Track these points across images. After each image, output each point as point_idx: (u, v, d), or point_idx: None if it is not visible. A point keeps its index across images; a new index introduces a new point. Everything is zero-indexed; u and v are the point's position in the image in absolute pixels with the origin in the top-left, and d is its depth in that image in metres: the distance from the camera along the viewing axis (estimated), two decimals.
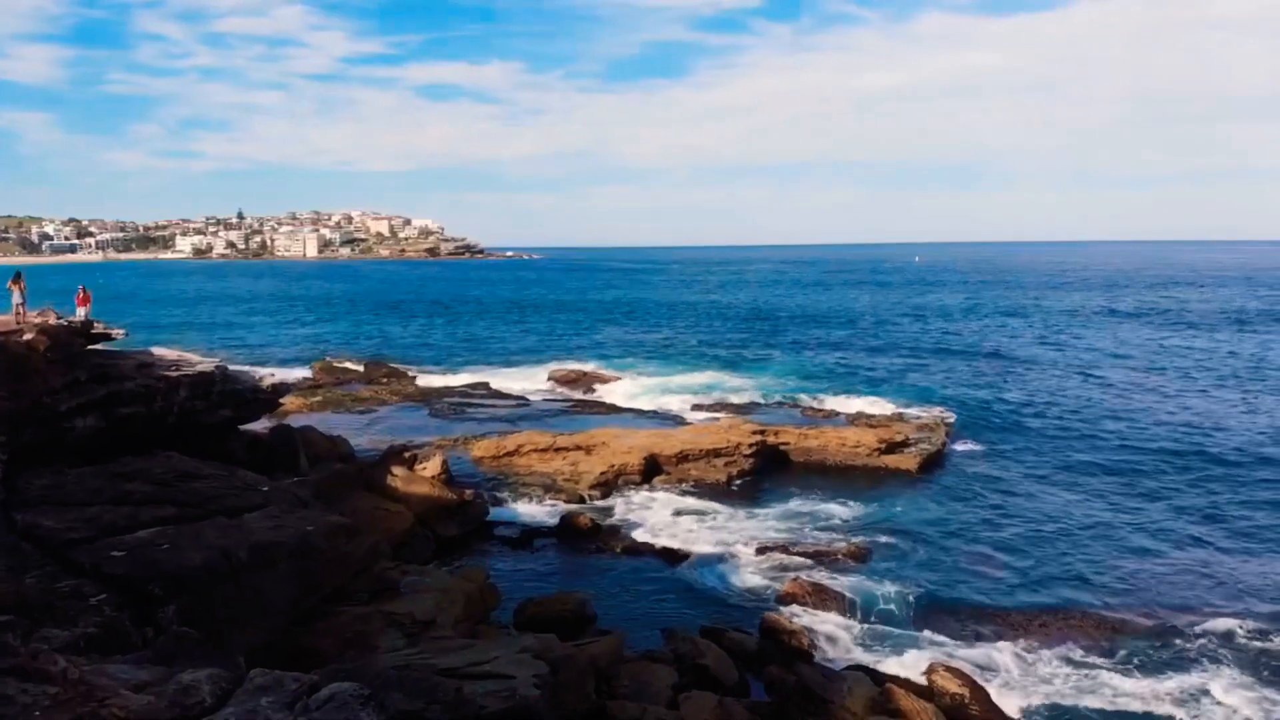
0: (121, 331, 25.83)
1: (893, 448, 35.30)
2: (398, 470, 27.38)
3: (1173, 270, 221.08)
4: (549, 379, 52.53)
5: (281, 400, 29.22)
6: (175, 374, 25.31)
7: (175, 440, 24.98)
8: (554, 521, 27.26)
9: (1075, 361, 60.79)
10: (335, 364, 59.92)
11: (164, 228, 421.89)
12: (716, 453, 33.64)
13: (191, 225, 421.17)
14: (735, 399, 47.70)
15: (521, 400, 45.40)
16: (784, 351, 64.90)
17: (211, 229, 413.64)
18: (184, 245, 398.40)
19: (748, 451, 33.98)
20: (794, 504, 29.72)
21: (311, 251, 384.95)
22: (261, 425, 30.41)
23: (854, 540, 25.55)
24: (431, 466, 28.56)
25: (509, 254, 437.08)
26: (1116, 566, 24.45)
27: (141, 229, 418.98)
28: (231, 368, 27.93)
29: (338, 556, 17.21)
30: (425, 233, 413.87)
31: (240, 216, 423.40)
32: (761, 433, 35.88)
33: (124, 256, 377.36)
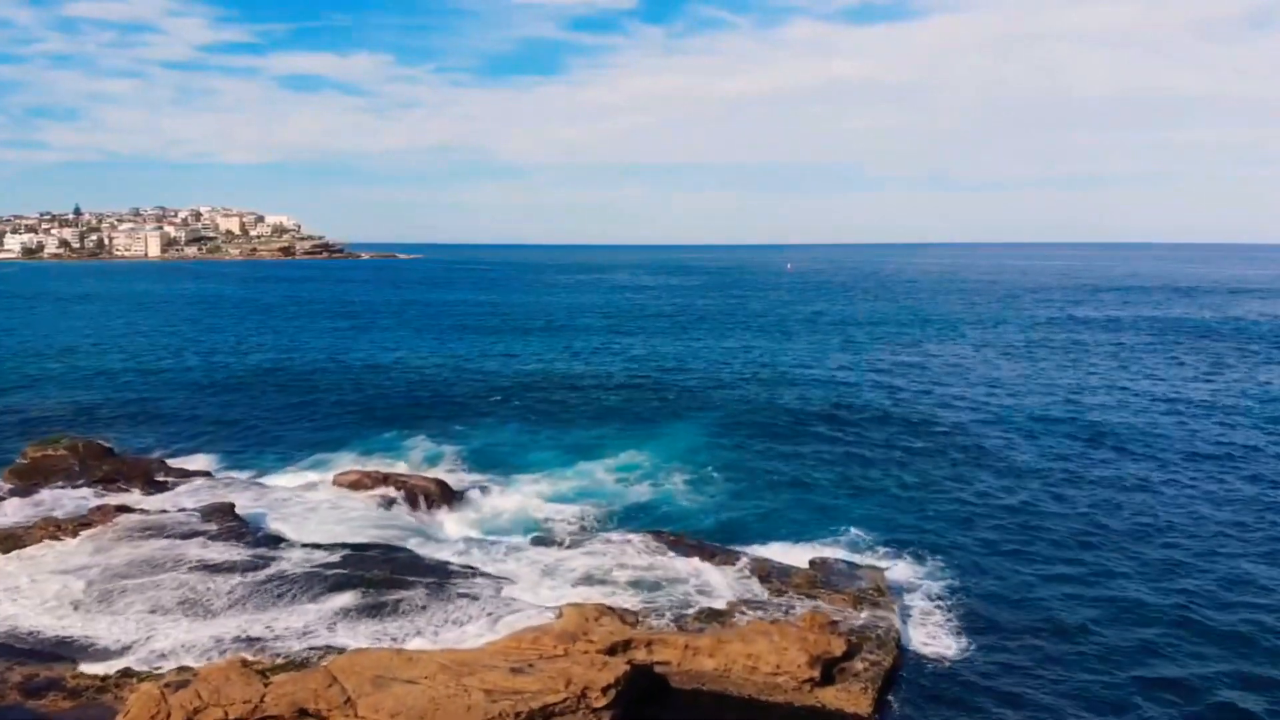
0: None
1: (829, 668, 22.13)
2: None
3: (1048, 280, 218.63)
4: (334, 484, 37.70)
5: None
6: None
7: None
8: None
9: (1025, 440, 49.21)
10: (51, 451, 43.59)
11: None
12: (549, 712, 19.70)
13: (23, 222, 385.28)
14: (590, 527, 34.40)
15: (268, 545, 30.27)
16: (647, 443, 47.10)
17: (45, 226, 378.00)
18: (13, 244, 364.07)
19: (602, 701, 20.16)
20: None
21: (154, 251, 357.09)
22: None
23: None
24: None
25: (368, 255, 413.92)
26: None
27: None
28: None
29: None
30: (280, 230, 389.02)
31: (77, 212, 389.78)
32: (626, 645, 22.24)
33: None
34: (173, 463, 44.01)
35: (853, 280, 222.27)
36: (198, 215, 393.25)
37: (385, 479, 37.53)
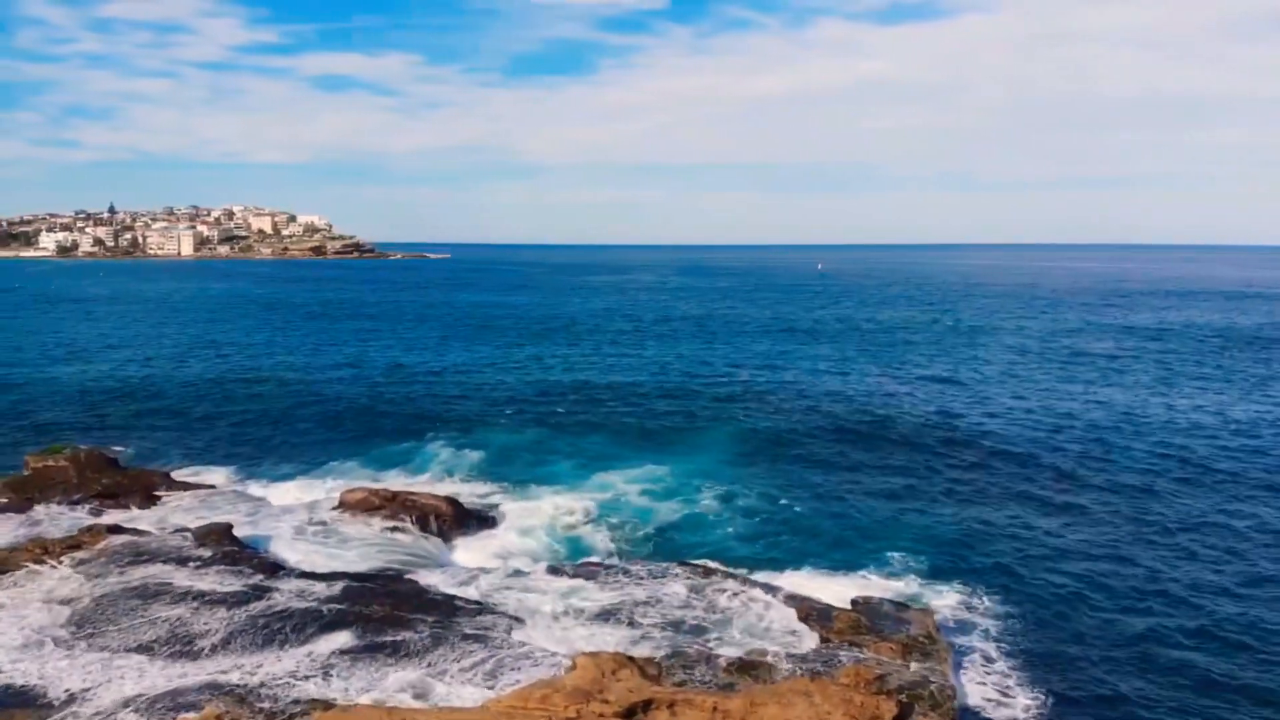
0: None
1: None
2: None
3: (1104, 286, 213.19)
4: (341, 503, 35.36)
5: None
6: None
7: None
8: None
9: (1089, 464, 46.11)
10: (52, 461, 41.94)
11: (29, 222, 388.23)
12: None
13: (59, 220, 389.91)
14: (613, 551, 32.07)
15: (264, 572, 27.99)
16: (673, 457, 44.17)
17: (80, 224, 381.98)
18: (48, 242, 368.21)
19: None
20: None
21: (187, 250, 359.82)
22: None
23: None
24: None
25: (399, 254, 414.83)
26: None
27: (5, 224, 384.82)
28: None
29: None
30: (311, 230, 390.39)
31: (111, 211, 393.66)
32: (647, 706, 19.65)
33: None
34: (177, 475, 42.14)
35: (884, 283, 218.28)
36: (230, 215, 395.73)
37: (394, 498, 35.15)
